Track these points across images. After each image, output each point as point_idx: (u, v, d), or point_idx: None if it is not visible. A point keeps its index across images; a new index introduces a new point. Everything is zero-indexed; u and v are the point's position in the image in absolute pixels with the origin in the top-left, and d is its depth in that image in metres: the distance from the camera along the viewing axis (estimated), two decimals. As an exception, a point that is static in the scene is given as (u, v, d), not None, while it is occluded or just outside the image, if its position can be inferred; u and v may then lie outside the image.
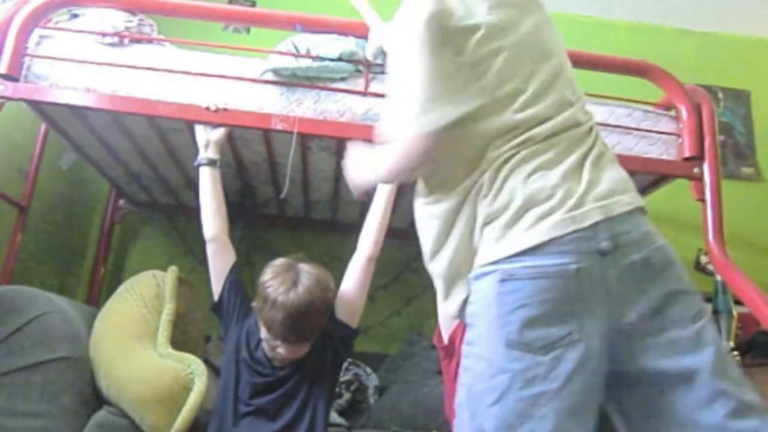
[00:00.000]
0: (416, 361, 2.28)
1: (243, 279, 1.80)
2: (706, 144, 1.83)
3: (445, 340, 1.74)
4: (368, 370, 2.30)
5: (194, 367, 1.64)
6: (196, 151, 2.06)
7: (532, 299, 0.94)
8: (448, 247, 1.07)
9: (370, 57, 1.77)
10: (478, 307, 1.01)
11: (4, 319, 1.60)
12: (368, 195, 1.35)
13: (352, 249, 2.89)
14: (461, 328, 1.73)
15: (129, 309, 1.79)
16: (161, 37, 1.91)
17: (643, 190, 2.10)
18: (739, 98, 3.16)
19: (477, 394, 0.98)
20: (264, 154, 2.05)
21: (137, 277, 1.91)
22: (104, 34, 1.76)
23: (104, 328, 1.76)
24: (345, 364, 2.22)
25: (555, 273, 0.94)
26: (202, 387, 1.59)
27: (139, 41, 1.80)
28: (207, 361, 1.77)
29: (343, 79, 1.77)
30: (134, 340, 1.71)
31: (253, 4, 3.03)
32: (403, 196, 2.37)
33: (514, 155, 1.02)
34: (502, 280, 0.96)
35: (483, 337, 0.99)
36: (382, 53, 1.75)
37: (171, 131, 1.94)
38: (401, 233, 2.81)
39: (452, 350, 1.73)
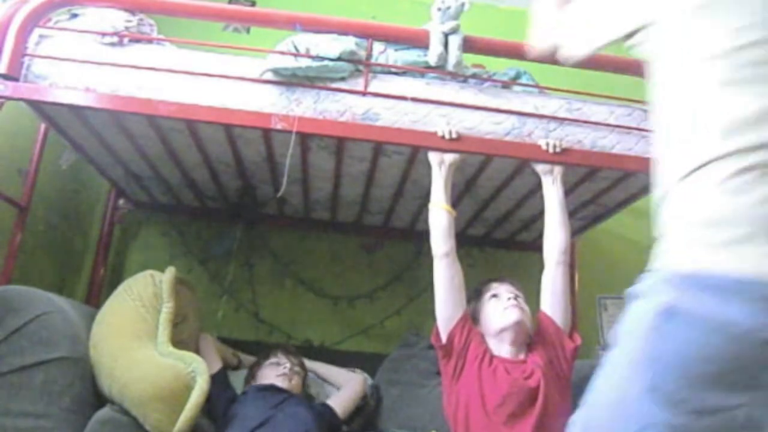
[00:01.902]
0: (415, 361, 2.27)
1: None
2: (706, 144, 1.83)
3: (444, 339, 1.74)
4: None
5: (195, 365, 1.64)
6: (196, 151, 2.07)
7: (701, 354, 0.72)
8: None
9: (432, 62, 1.78)
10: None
11: (4, 319, 1.60)
12: None
13: (352, 249, 2.90)
14: (460, 327, 1.73)
15: (128, 309, 1.79)
16: (161, 36, 1.91)
17: (644, 190, 2.10)
18: (739, 98, 3.16)
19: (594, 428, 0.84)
20: (264, 154, 2.05)
21: (135, 277, 1.92)
22: (104, 34, 1.76)
23: (104, 328, 1.76)
24: None
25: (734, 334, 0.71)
26: (204, 385, 1.59)
27: (139, 41, 1.80)
28: (205, 361, 1.78)
29: (342, 79, 1.77)
30: (134, 339, 1.71)
31: (253, 4, 3.03)
32: (404, 195, 2.37)
33: None
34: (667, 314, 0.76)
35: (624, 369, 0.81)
36: (444, 58, 1.77)
37: (171, 131, 1.94)
38: (401, 233, 2.82)
39: (450, 350, 1.73)
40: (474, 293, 1.89)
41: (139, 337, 1.72)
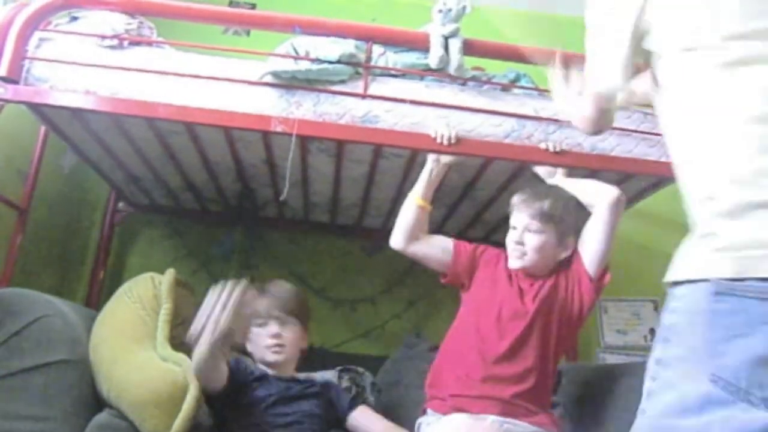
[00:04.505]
0: (416, 363, 2.27)
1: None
2: (706, 146, 1.83)
3: (448, 276, 1.81)
4: (360, 369, 2.30)
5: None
6: (196, 154, 2.07)
7: (760, 328, 0.70)
8: None
9: (434, 65, 1.79)
10: (679, 319, 0.80)
11: (4, 322, 1.60)
12: None
13: (352, 251, 2.90)
14: (461, 260, 1.78)
15: (128, 311, 1.79)
16: (161, 39, 1.91)
17: (643, 192, 2.10)
18: (739, 100, 3.16)
19: (657, 429, 0.79)
20: (263, 157, 2.05)
21: (135, 279, 1.91)
22: (104, 37, 1.76)
23: (103, 331, 1.75)
24: (337, 372, 2.24)
25: None
26: (195, 392, 1.56)
27: (138, 44, 1.80)
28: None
29: (342, 82, 1.77)
30: (134, 342, 1.71)
31: (253, 7, 3.03)
32: (404, 197, 2.36)
33: None
34: (717, 294, 0.74)
35: (681, 362, 0.78)
36: (445, 60, 1.78)
37: (171, 133, 1.94)
38: (401, 235, 2.82)
39: (457, 278, 1.80)
40: (510, 203, 1.79)
41: (138, 339, 1.72)
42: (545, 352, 1.65)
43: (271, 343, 1.75)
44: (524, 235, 1.69)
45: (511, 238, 1.73)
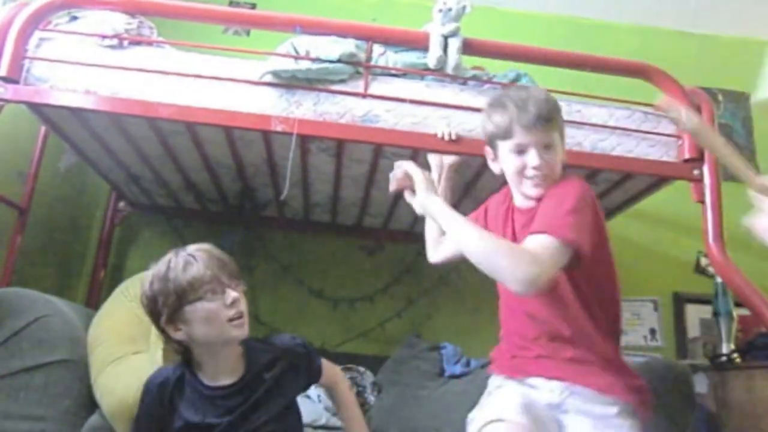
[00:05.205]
0: (416, 363, 2.27)
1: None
2: (706, 146, 1.83)
3: None
4: (361, 369, 2.30)
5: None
6: (196, 153, 2.07)
7: None
8: None
9: (432, 65, 1.78)
10: None
11: (4, 322, 1.60)
12: None
13: (352, 251, 2.90)
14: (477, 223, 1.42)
15: (124, 311, 1.79)
16: (161, 39, 1.91)
17: (644, 192, 2.10)
18: (739, 100, 3.16)
19: None
20: (264, 156, 2.05)
21: (132, 278, 1.91)
22: (104, 36, 1.76)
23: (100, 331, 1.75)
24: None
25: None
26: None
27: (138, 43, 1.80)
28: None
29: (342, 81, 1.77)
30: (128, 343, 1.70)
31: (253, 7, 3.03)
32: (404, 197, 2.36)
33: None
34: None
35: None
36: (443, 61, 1.78)
37: (170, 133, 1.94)
38: (402, 235, 2.82)
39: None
40: (497, 125, 1.35)
41: (133, 339, 1.72)
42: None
43: (233, 313, 1.30)
44: (542, 154, 1.32)
45: (528, 163, 1.33)
